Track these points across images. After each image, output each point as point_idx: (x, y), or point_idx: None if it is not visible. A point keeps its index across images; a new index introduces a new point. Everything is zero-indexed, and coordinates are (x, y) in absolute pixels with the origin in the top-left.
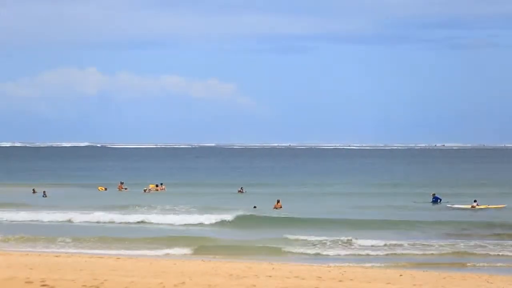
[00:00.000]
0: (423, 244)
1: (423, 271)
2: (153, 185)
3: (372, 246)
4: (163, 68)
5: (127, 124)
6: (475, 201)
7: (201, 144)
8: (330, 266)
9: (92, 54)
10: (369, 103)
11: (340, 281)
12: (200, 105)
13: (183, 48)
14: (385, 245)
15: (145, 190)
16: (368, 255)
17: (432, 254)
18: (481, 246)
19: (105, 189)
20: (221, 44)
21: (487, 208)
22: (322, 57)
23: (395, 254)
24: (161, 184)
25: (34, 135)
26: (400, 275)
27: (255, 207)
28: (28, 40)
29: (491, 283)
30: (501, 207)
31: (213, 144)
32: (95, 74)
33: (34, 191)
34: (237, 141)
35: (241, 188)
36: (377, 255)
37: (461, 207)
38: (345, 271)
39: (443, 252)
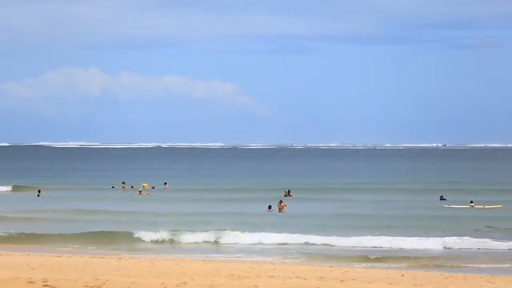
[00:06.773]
0: (424, 245)
1: (425, 271)
2: (146, 184)
3: (373, 246)
4: (165, 68)
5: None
6: (471, 201)
7: (203, 144)
8: (332, 266)
9: (95, 54)
10: (370, 103)
11: (341, 281)
12: (202, 105)
13: (185, 49)
14: (386, 245)
15: (140, 192)
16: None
17: (433, 254)
18: (481, 246)
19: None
20: (223, 45)
21: (483, 208)
22: (323, 57)
23: (396, 254)
24: (165, 183)
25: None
26: (402, 275)
27: (270, 207)
28: (31, 40)
29: (493, 283)
30: (497, 207)
31: (215, 145)
32: (98, 74)
33: (39, 192)
34: (238, 141)
35: (288, 191)
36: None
37: (458, 207)
38: (346, 271)
39: (444, 252)
